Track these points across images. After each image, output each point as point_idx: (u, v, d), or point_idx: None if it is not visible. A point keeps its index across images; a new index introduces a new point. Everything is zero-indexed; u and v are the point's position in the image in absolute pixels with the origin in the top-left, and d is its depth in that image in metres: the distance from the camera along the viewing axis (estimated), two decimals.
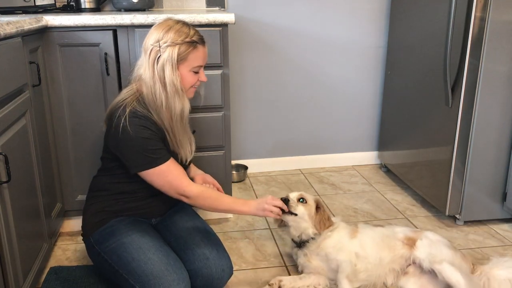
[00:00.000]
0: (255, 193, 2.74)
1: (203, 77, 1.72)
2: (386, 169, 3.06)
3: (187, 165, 1.87)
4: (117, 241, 1.63)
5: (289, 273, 1.95)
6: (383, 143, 3.05)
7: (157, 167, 1.61)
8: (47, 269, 1.93)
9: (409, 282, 1.78)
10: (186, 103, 1.68)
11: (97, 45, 2.01)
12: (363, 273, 1.77)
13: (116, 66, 2.05)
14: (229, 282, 1.80)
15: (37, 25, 1.79)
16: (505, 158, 2.22)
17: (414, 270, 1.79)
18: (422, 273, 1.76)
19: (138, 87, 1.67)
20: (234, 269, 1.82)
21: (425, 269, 1.73)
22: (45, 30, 1.95)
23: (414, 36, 2.54)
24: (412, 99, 2.59)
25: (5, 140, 1.42)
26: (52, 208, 2.01)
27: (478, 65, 2.07)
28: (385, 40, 2.94)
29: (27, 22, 1.67)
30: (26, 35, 1.71)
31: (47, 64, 1.98)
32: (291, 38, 2.87)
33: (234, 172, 2.87)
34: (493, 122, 2.15)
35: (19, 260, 1.50)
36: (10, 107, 1.48)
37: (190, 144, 1.78)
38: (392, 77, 2.86)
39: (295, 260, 1.93)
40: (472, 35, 2.05)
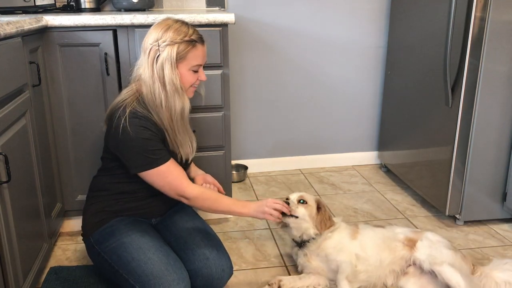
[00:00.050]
0: (255, 193, 2.74)
1: (203, 76, 1.72)
2: (386, 169, 3.06)
3: (188, 164, 1.87)
4: (117, 241, 1.63)
5: (289, 273, 1.95)
6: (383, 143, 3.05)
7: (157, 168, 1.62)
8: (47, 269, 1.93)
9: (409, 283, 1.78)
10: (187, 102, 1.68)
11: (97, 45, 2.01)
12: (363, 274, 1.76)
13: (116, 66, 2.05)
14: (229, 282, 1.80)
15: (37, 25, 1.79)
16: (505, 158, 2.22)
17: (414, 271, 1.79)
18: (422, 274, 1.76)
19: (138, 87, 1.67)
20: (234, 269, 1.82)
21: (425, 270, 1.73)
22: (45, 30, 1.95)
23: (414, 36, 2.54)
24: (412, 99, 2.59)
25: (5, 140, 1.42)
26: (52, 208, 2.01)
27: (478, 65, 2.07)
28: (385, 40, 2.94)
29: (27, 22, 1.67)
30: (26, 35, 1.71)
31: (47, 64, 1.98)
32: (291, 38, 2.87)
33: (234, 172, 2.87)
34: (493, 122, 2.15)
35: (19, 260, 1.50)
36: (10, 107, 1.48)
37: (191, 143, 1.78)
38: (392, 77, 2.86)
39: (295, 260, 1.93)
40: (472, 35, 2.05)
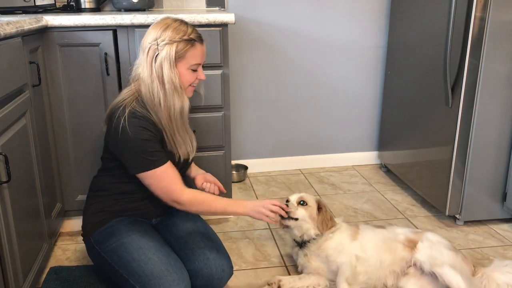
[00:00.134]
0: (255, 193, 2.74)
1: (202, 75, 1.72)
2: (386, 169, 3.06)
3: (189, 164, 1.87)
4: (117, 241, 1.63)
5: (289, 273, 1.95)
6: (383, 143, 3.05)
7: (154, 170, 1.61)
8: (47, 269, 1.93)
9: (409, 283, 1.77)
10: (186, 101, 1.68)
11: (97, 45, 2.01)
12: (363, 276, 1.76)
13: (116, 66, 2.05)
14: (229, 282, 1.80)
15: (37, 25, 1.78)
16: (505, 158, 2.22)
17: (415, 271, 1.78)
18: (423, 274, 1.75)
19: (137, 87, 1.66)
20: (234, 269, 1.81)
21: (426, 272, 1.73)
22: (45, 30, 1.95)
23: (414, 36, 2.54)
24: (412, 99, 2.59)
25: (5, 140, 1.42)
26: (52, 208, 2.01)
27: (478, 65, 2.07)
28: (385, 40, 2.94)
29: (27, 22, 1.67)
30: (26, 35, 1.71)
31: (47, 64, 1.98)
32: (291, 38, 2.87)
33: (234, 172, 2.87)
34: (493, 122, 2.15)
35: (19, 260, 1.50)
36: (10, 107, 1.48)
37: (191, 142, 1.77)
38: (392, 77, 2.86)
39: (295, 260, 1.92)
40: (472, 35, 2.05)
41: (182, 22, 1.66)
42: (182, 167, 1.79)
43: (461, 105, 2.14)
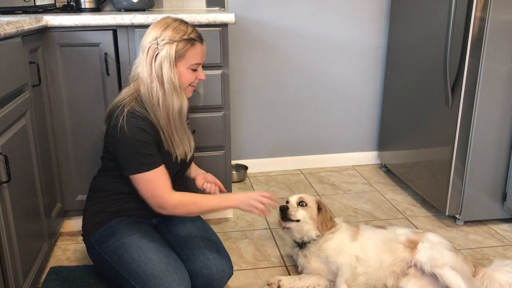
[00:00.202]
0: None
1: (202, 75, 1.72)
2: (386, 169, 3.06)
3: (189, 164, 1.87)
4: (118, 242, 1.63)
5: (289, 273, 1.95)
6: (383, 143, 3.05)
7: (146, 173, 1.60)
8: (47, 269, 1.93)
9: (410, 283, 1.77)
10: (185, 101, 1.67)
11: (97, 45, 2.01)
12: (363, 276, 1.75)
13: (116, 66, 2.05)
14: (229, 282, 1.80)
15: (37, 25, 1.78)
16: (505, 158, 2.22)
17: (415, 272, 1.77)
18: (423, 275, 1.75)
19: (137, 87, 1.66)
20: (234, 269, 1.81)
21: (426, 273, 1.72)
22: (45, 30, 1.94)
23: (414, 36, 2.54)
24: (412, 99, 2.59)
25: (5, 140, 1.42)
26: (52, 208, 2.01)
27: (478, 65, 2.07)
28: (385, 40, 2.94)
29: (27, 22, 1.67)
30: (26, 35, 1.70)
31: (47, 64, 1.98)
32: (291, 38, 2.87)
33: (234, 172, 2.87)
34: (493, 122, 2.15)
35: (19, 260, 1.50)
36: (10, 107, 1.48)
37: (189, 142, 1.77)
38: (392, 77, 2.86)
39: (295, 260, 1.92)
40: (472, 35, 2.05)
41: (182, 22, 1.66)
42: (181, 168, 1.79)
43: (461, 105, 2.14)
